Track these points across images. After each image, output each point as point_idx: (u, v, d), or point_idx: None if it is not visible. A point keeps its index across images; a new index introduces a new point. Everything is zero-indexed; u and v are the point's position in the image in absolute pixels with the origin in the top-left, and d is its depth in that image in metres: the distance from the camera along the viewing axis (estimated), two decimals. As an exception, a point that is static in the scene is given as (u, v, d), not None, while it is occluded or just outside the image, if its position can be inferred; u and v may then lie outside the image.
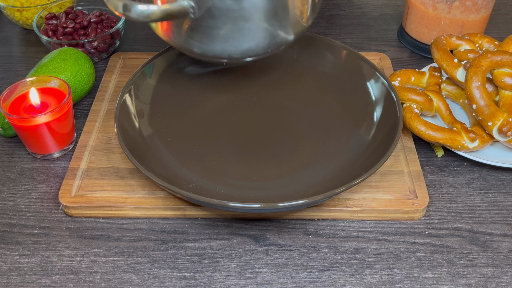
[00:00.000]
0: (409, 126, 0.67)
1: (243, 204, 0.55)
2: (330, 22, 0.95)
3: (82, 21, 0.82)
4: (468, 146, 0.65)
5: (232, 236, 0.59)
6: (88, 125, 0.70)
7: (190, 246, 0.58)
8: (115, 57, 0.82)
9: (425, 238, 0.59)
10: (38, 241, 0.59)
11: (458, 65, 0.68)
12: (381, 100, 0.68)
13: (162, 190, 0.62)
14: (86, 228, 0.60)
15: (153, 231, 0.60)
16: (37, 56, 0.85)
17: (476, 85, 0.64)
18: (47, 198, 0.63)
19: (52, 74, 0.71)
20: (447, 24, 0.81)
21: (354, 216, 0.60)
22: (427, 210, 0.62)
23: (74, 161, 0.65)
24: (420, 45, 0.86)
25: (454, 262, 0.57)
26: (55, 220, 0.61)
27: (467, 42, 0.73)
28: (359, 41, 0.90)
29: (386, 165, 0.65)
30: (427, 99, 0.68)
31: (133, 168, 0.64)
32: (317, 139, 0.66)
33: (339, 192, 0.55)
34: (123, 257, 0.57)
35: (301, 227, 0.60)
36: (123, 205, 0.60)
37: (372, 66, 0.71)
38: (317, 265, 0.56)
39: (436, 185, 0.65)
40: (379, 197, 0.61)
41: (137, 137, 0.64)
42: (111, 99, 0.74)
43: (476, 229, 0.60)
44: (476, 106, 0.64)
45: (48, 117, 0.63)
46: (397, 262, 0.57)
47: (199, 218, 0.61)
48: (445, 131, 0.65)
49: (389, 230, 0.60)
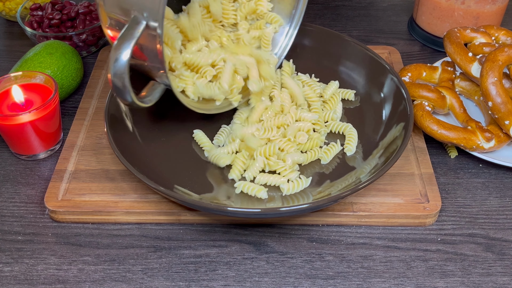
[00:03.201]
0: (420, 125, 0.67)
1: (242, 209, 0.55)
2: (336, 14, 0.95)
3: (69, 12, 0.82)
4: (484, 146, 0.65)
5: (231, 243, 0.59)
6: (76, 123, 0.70)
7: (185, 253, 0.58)
8: (105, 50, 0.82)
9: (437, 245, 0.59)
10: (22, 248, 0.59)
11: (473, 59, 0.68)
12: (390, 97, 0.68)
13: (155, 193, 0.62)
14: (74, 234, 0.60)
15: (146, 237, 0.60)
16: (21, 49, 0.85)
17: (492, 80, 0.64)
18: (32, 202, 0.63)
19: (37, 69, 0.71)
20: (461, 15, 0.81)
21: (361, 222, 0.60)
22: (439, 215, 0.62)
23: (61, 162, 0.65)
24: (432, 38, 0.86)
25: (468, 270, 0.57)
26: (41, 226, 0.61)
27: (483, 34, 0.73)
28: (366, 34, 0.90)
29: (396, 167, 0.65)
30: (439, 96, 0.68)
31: (124, 170, 0.64)
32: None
33: (345, 195, 0.55)
34: (114, 265, 0.57)
35: (305, 233, 0.60)
36: (114, 209, 0.60)
37: (380, 61, 0.71)
38: (321, 274, 0.56)
39: (449, 188, 0.65)
40: (388, 201, 0.61)
41: (128, 137, 0.64)
42: (101, 95, 0.74)
43: (492, 236, 0.60)
44: (492, 103, 0.64)
45: (33, 115, 0.63)
46: (408, 270, 0.57)
47: (195, 224, 0.61)
48: (459, 130, 0.65)
49: (399, 237, 0.60)
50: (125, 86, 0.53)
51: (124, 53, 0.52)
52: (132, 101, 0.55)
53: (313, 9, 0.95)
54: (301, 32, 0.74)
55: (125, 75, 0.52)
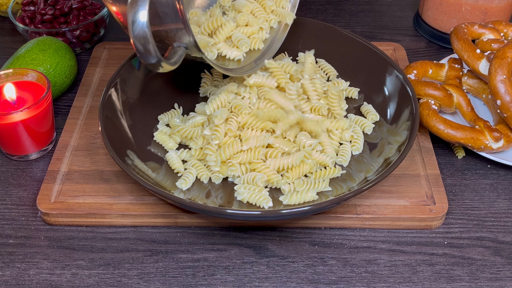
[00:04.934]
0: (426, 124, 0.67)
1: (242, 211, 0.55)
2: (339, 9, 0.95)
3: (62, 7, 0.82)
4: (492, 147, 0.65)
5: (230, 246, 0.59)
6: (70, 123, 0.70)
7: (182, 257, 0.58)
8: (100, 47, 0.82)
9: (444, 249, 0.59)
10: (13, 252, 0.59)
11: (481, 56, 0.68)
12: (395, 95, 0.68)
13: (151, 195, 0.62)
14: (67, 237, 0.60)
15: (142, 240, 0.60)
16: (13, 46, 0.85)
17: (501, 78, 0.64)
18: (23, 204, 0.63)
19: (29, 66, 0.71)
20: (468, 10, 0.81)
21: (365, 224, 0.61)
22: (446, 217, 0.62)
23: (54, 163, 0.65)
24: (439, 34, 0.86)
25: (476, 275, 0.57)
26: (33, 229, 0.61)
27: (491, 30, 0.73)
28: (370, 30, 0.90)
29: (401, 168, 0.65)
30: (446, 94, 0.68)
31: (119, 170, 0.64)
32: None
33: (348, 197, 0.55)
34: (108, 269, 0.57)
35: (306, 236, 0.60)
36: (108, 212, 0.60)
37: (385, 58, 0.71)
38: (324, 279, 0.56)
39: (457, 190, 0.65)
40: (392, 203, 0.61)
41: (123, 137, 0.64)
42: (95, 94, 0.74)
43: (500, 239, 0.60)
44: (501, 102, 0.64)
45: (25, 114, 0.63)
46: (413, 275, 0.57)
47: (192, 227, 0.61)
48: (466, 129, 0.65)
49: (404, 240, 0.60)
50: (148, 49, 0.51)
51: (141, 13, 0.50)
52: (157, 61, 0.53)
53: (315, 4, 0.95)
54: (303, 27, 0.74)
55: (147, 37, 0.51)
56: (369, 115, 0.68)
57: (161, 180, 0.61)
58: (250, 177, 0.59)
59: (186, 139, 0.64)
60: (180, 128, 0.64)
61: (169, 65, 0.55)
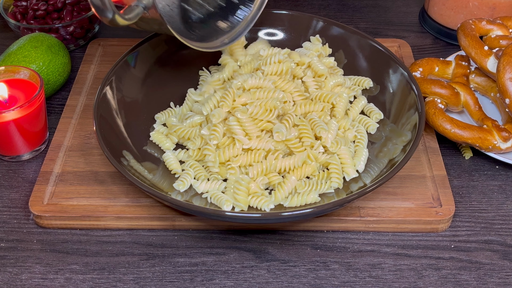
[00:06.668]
0: (433, 123, 0.67)
1: (242, 213, 0.55)
2: (341, 4, 0.95)
3: (56, 3, 0.82)
4: (500, 147, 0.65)
5: (229, 250, 0.59)
6: (63, 122, 0.70)
7: (180, 261, 0.58)
8: (94, 44, 0.82)
9: (450, 253, 0.59)
10: (5, 256, 0.59)
11: (489, 53, 0.68)
12: (400, 93, 0.68)
13: (148, 197, 0.62)
14: (61, 241, 0.60)
15: (138, 244, 0.60)
16: (4, 43, 0.85)
17: (510, 76, 0.64)
18: (15, 206, 0.63)
19: (21, 63, 0.71)
20: (476, 6, 0.81)
21: (369, 227, 0.61)
22: (453, 220, 0.62)
23: (47, 163, 0.65)
24: (445, 31, 0.86)
25: (484, 280, 0.57)
26: (25, 232, 0.61)
27: (499, 26, 0.73)
28: (374, 26, 0.90)
29: (406, 169, 0.65)
30: (453, 93, 0.68)
31: (115, 171, 0.64)
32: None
33: (352, 199, 0.55)
34: (103, 274, 0.57)
35: (308, 239, 0.60)
36: (103, 214, 0.60)
37: (389, 55, 0.71)
38: (326, 284, 0.56)
39: (464, 192, 0.65)
40: (397, 205, 0.61)
41: (119, 136, 0.64)
42: (89, 92, 0.74)
43: (509, 242, 0.60)
44: (510, 100, 0.64)
45: (17, 114, 0.63)
46: (419, 280, 0.57)
47: (190, 230, 0.61)
48: (474, 129, 0.65)
49: (410, 243, 0.60)
50: (104, 1, 0.53)
51: None
52: (113, 17, 0.55)
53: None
54: (304, 24, 0.74)
55: None
56: (373, 114, 0.68)
57: (158, 181, 0.61)
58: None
59: (184, 139, 0.64)
60: (178, 127, 0.64)
61: (124, 20, 0.56)
